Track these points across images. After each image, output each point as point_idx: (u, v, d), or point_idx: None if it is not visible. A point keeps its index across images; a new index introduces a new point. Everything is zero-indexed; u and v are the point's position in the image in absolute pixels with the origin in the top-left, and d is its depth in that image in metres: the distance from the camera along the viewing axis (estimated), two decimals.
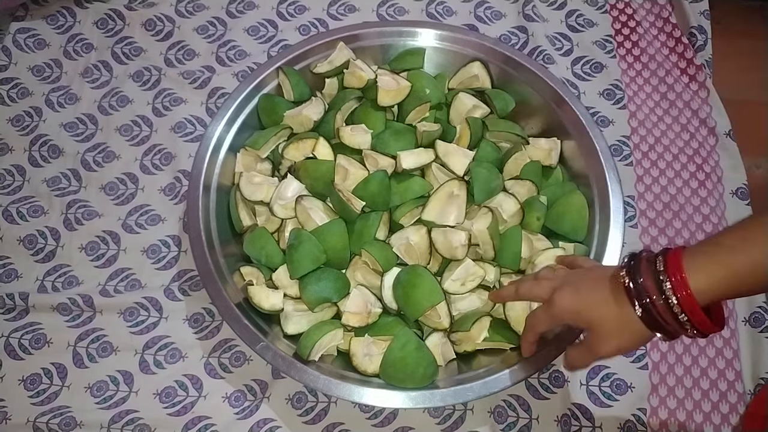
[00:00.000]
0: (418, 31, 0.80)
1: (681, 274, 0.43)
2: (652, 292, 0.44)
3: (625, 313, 0.46)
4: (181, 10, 0.95)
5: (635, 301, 0.45)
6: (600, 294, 0.47)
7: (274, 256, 0.68)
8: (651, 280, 0.44)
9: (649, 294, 0.44)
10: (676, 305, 0.43)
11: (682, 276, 0.43)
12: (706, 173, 0.82)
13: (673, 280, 0.43)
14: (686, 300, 0.43)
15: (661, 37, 0.93)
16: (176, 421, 0.67)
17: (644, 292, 0.44)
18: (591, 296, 0.48)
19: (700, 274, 0.43)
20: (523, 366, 0.60)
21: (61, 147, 0.83)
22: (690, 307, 0.43)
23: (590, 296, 0.48)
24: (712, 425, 0.68)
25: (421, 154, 0.69)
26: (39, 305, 0.72)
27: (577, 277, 0.51)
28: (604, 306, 0.47)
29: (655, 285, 0.44)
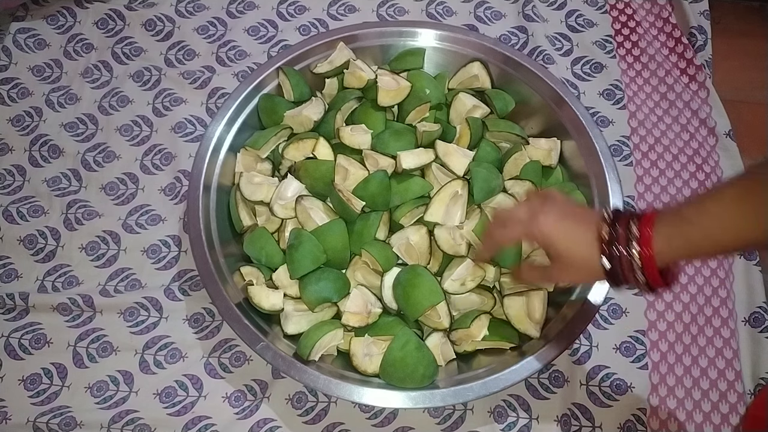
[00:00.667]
0: (418, 32, 0.80)
1: (649, 235, 0.47)
2: (623, 246, 0.48)
3: (592, 256, 0.49)
4: (181, 10, 0.95)
5: (606, 249, 0.48)
6: (581, 234, 0.50)
7: (274, 256, 0.68)
8: (625, 236, 0.48)
9: (619, 247, 0.48)
10: (637, 260, 0.47)
11: (649, 238, 0.47)
12: (706, 173, 0.82)
13: (641, 240, 0.47)
14: (647, 258, 0.47)
15: (661, 37, 0.93)
16: (176, 421, 0.67)
17: (616, 243, 0.48)
18: (571, 231, 0.51)
19: (662, 240, 0.46)
20: (523, 366, 0.60)
21: (61, 147, 0.83)
22: (648, 264, 0.47)
23: (571, 231, 0.51)
24: (712, 425, 0.68)
25: (421, 155, 0.69)
26: (39, 305, 0.72)
27: (562, 208, 0.53)
28: (577, 245, 0.50)
29: (626, 240, 0.48)
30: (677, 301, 0.74)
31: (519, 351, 0.63)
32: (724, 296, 0.74)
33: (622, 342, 0.71)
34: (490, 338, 0.64)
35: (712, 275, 0.75)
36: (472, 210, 0.68)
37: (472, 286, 0.66)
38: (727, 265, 0.76)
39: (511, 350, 0.64)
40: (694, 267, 0.76)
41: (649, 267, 0.47)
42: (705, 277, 0.75)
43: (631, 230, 0.47)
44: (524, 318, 0.64)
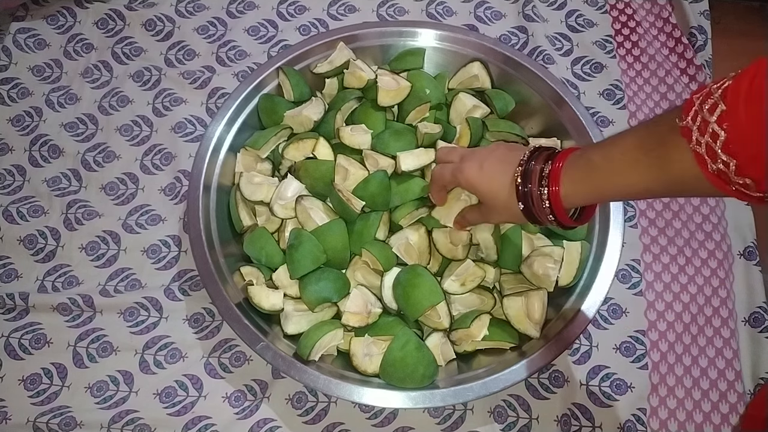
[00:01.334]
0: (418, 31, 0.80)
1: (558, 174, 0.49)
2: (534, 185, 0.51)
3: (510, 198, 0.53)
4: (181, 10, 0.95)
5: (519, 190, 0.52)
6: (498, 177, 0.54)
7: (274, 256, 0.68)
8: (537, 175, 0.51)
9: (529, 186, 0.51)
10: (546, 199, 0.50)
11: (557, 176, 0.49)
12: None
13: (550, 178, 0.50)
14: (554, 196, 0.50)
15: (661, 37, 0.93)
16: (176, 421, 0.67)
17: (528, 183, 0.51)
18: (490, 176, 0.54)
19: (569, 181, 0.49)
20: (523, 366, 0.60)
21: (61, 147, 0.83)
22: (555, 202, 0.50)
23: (489, 176, 0.54)
24: (712, 425, 0.68)
25: (421, 155, 0.69)
26: (39, 305, 0.72)
27: (485, 153, 0.56)
28: (497, 189, 0.54)
29: (538, 179, 0.51)
30: (677, 301, 0.74)
31: (519, 351, 0.63)
32: (724, 296, 0.74)
33: (622, 342, 0.71)
34: (490, 338, 0.64)
35: (712, 275, 0.75)
36: None
37: (471, 287, 0.66)
38: (727, 265, 0.76)
39: (511, 350, 0.64)
40: (694, 267, 0.76)
41: (556, 205, 0.49)
42: (705, 277, 0.75)
43: (544, 169, 0.50)
44: (524, 318, 0.64)
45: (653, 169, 0.43)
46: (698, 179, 0.39)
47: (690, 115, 0.39)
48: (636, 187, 0.45)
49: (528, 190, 0.51)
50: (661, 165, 0.42)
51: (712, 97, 0.37)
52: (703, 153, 0.38)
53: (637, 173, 0.44)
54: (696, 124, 0.38)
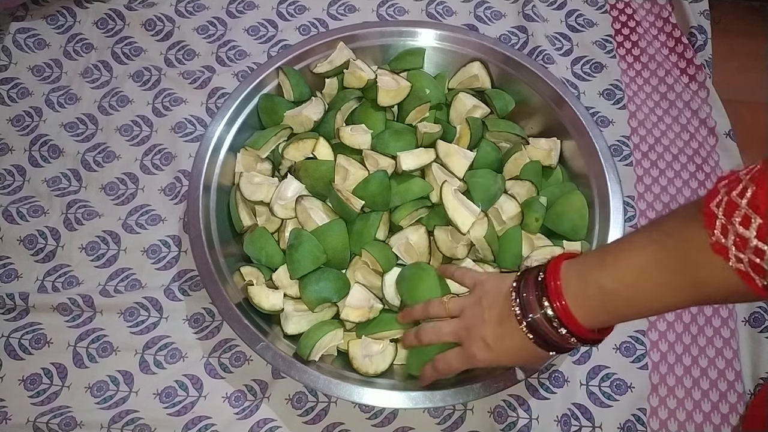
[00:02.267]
0: (418, 31, 0.80)
1: (557, 282, 0.44)
2: (534, 307, 0.45)
3: (522, 342, 0.47)
4: (181, 10, 0.95)
5: (523, 321, 0.46)
6: (509, 340, 0.49)
7: (274, 256, 0.68)
8: (534, 296, 0.46)
9: (531, 310, 0.46)
10: (554, 318, 0.44)
11: (557, 285, 0.44)
12: (706, 173, 0.82)
13: (549, 292, 0.44)
14: (562, 312, 0.44)
15: (660, 37, 0.93)
16: (176, 421, 0.67)
17: (528, 308, 0.46)
18: (501, 346, 0.49)
19: (581, 311, 0.44)
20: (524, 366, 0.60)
21: (61, 147, 0.83)
22: (565, 316, 0.44)
23: (500, 346, 0.49)
24: (712, 425, 0.68)
25: (421, 155, 0.69)
26: (39, 305, 0.72)
27: (479, 316, 0.51)
28: (513, 346, 0.49)
29: (537, 299, 0.45)
30: None
31: None
32: None
33: (622, 342, 0.71)
34: None
35: None
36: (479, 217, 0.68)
37: None
38: None
39: None
40: None
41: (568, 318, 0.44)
42: None
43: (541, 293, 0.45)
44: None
45: (686, 291, 0.39)
46: (744, 295, 0.36)
47: (716, 228, 0.35)
48: (664, 308, 0.42)
49: (532, 318, 0.46)
50: (694, 286, 0.38)
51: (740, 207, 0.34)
52: (748, 270, 0.34)
53: (665, 297, 0.40)
54: (730, 240, 0.34)
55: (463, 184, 0.69)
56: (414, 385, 0.61)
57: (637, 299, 0.41)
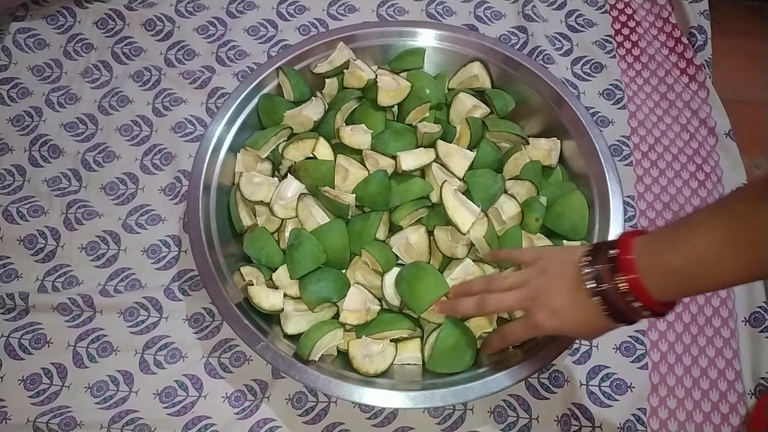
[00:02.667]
0: (418, 31, 0.80)
1: (629, 256, 0.46)
2: (607, 279, 0.47)
3: (590, 312, 0.49)
4: (181, 10, 0.95)
5: (595, 294, 0.48)
6: (576, 310, 0.50)
7: (274, 256, 0.68)
8: (607, 268, 0.48)
9: (604, 281, 0.47)
10: (626, 290, 0.46)
11: (630, 259, 0.46)
12: (706, 173, 0.82)
13: (621, 264, 0.47)
14: (633, 284, 0.46)
15: (660, 37, 0.93)
16: (176, 421, 0.67)
17: (601, 280, 0.48)
18: (568, 315, 0.51)
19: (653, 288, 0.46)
20: (523, 366, 0.60)
21: (61, 147, 0.83)
22: (637, 289, 0.46)
23: (567, 315, 0.51)
24: (712, 425, 0.68)
25: (421, 155, 0.69)
26: (39, 305, 0.72)
27: (544, 286, 0.53)
28: (579, 316, 0.50)
29: (609, 272, 0.47)
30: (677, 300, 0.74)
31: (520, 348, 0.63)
32: (724, 296, 0.74)
33: (622, 342, 0.71)
34: None
35: None
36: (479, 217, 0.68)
37: None
38: None
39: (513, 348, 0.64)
40: None
41: (640, 291, 0.46)
42: None
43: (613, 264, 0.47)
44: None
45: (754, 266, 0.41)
46: None
47: None
48: (730, 284, 0.45)
49: (604, 288, 0.48)
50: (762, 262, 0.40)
51: None
52: None
53: (732, 274, 0.43)
54: None
55: (463, 184, 0.69)
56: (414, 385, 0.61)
57: (706, 276, 0.43)
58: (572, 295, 0.50)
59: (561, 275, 0.52)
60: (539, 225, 0.69)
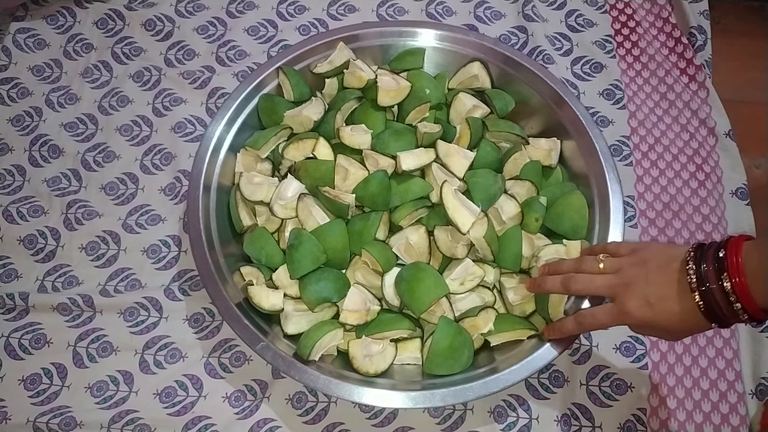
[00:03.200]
0: (418, 31, 0.80)
1: (738, 269, 0.46)
2: (712, 279, 0.47)
3: (687, 308, 0.49)
4: (181, 10, 0.95)
5: (697, 291, 0.48)
6: (672, 304, 0.50)
7: (274, 256, 0.68)
8: (713, 268, 0.47)
9: (709, 281, 0.47)
10: (730, 291, 0.46)
11: (738, 261, 0.46)
12: (706, 173, 0.82)
13: (729, 266, 0.46)
14: (739, 287, 0.46)
15: (660, 37, 0.93)
16: (176, 421, 0.67)
17: (705, 279, 0.47)
18: (663, 307, 0.50)
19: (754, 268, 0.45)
20: (523, 366, 0.60)
21: (61, 147, 0.83)
22: (742, 293, 0.46)
23: (662, 307, 0.50)
24: (712, 425, 0.68)
25: (421, 155, 0.69)
26: (39, 305, 0.72)
27: (641, 275, 0.52)
28: (674, 310, 0.50)
29: (715, 272, 0.47)
30: None
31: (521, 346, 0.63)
32: None
33: (622, 342, 0.71)
34: (496, 332, 0.64)
35: None
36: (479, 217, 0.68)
37: (471, 286, 0.66)
38: None
39: (529, 339, 0.64)
40: None
41: (744, 296, 0.46)
42: None
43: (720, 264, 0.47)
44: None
45: None
46: None
47: None
48: None
49: (707, 288, 0.47)
50: None
51: None
52: None
53: None
54: None
55: (463, 184, 0.69)
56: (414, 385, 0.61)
57: None
58: (672, 289, 0.50)
59: (663, 268, 0.51)
60: (539, 225, 0.69)
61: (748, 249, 0.47)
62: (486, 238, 0.65)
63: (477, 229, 0.65)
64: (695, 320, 0.49)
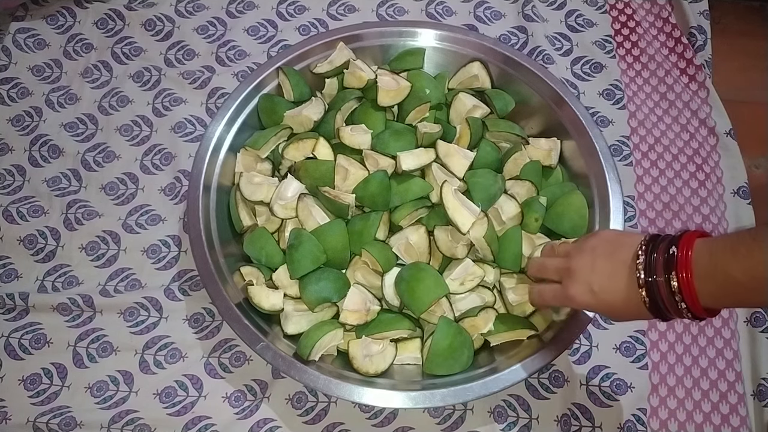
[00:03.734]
0: (418, 31, 0.80)
1: (687, 264, 0.45)
2: (659, 272, 0.46)
3: (630, 299, 0.48)
4: (181, 10, 0.95)
5: (644, 285, 0.47)
6: (614, 289, 0.50)
7: (274, 256, 0.68)
8: (662, 260, 0.46)
9: (656, 273, 0.46)
10: (676, 287, 0.45)
11: (686, 266, 0.45)
12: (706, 173, 0.82)
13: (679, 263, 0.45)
14: (684, 283, 0.45)
15: (660, 37, 0.93)
16: (176, 421, 0.67)
17: (653, 270, 0.47)
18: (605, 296, 0.50)
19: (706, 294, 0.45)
20: (524, 366, 0.60)
21: (61, 147, 0.83)
22: (687, 290, 0.45)
23: (605, 296, 0.50)
24: (712, 425, 0.68)
25: (421, 155, 0.69)
26: (39, 305, 0.72)
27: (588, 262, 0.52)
28: (617, 301, 0.50)
29: (663, 265, 0.46)
30: None
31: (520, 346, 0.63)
32: None
33: (622, 342, 0.71)
34: (496, 332, 0.64)
35: None
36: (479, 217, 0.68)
37: (471, 286, 0.66)
38: None
39: (529, 339, 0.64)
40: None
41: (689, 293, 0.45)
42: None
43: (669, 257, 0.46)
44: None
45: None
46: None
47: None
48: None
49: (653, 280, 0.47)
50: None
51: None
52: None
53: None
54: None
55: (463, 184, 0.69)
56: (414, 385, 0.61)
57: (759, 291, 0.42)
58: (616, 280, 0.50)
59: (610, 256, 0.51)
60: (539, 225, 0.69)
61: (699, 246, 0.46)
62: (486, 238, 0.65)
63: (477, 229, 0.65)
64: (638, 311, 0.49)
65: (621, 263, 0.50)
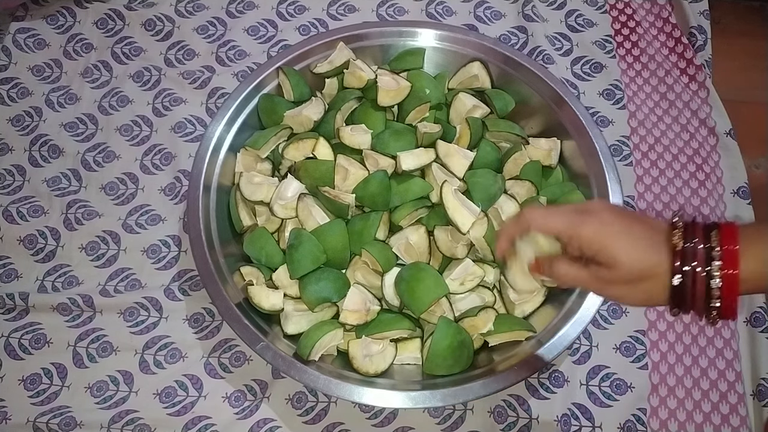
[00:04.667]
0: (418, 31, 0.80)
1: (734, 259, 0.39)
2: (700, 263, 0.40)
3: (657, 269, 0.41)
4: (181, 10, 0.95)
5: (679, 265, 0.40)
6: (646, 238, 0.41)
7: (274, 256, 0.68)
8: (703, 248, 0.40)
9: (696, 261, 0.40)
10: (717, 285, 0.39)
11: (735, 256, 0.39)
12: (706, 173, 0.82)
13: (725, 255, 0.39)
14: (729, 279, 0.39)
15: (660, 37, 0.93)
16: (176, 421, 0.67)
17: (691, 261, 0.40)
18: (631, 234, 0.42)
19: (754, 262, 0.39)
20: (523, 366, 0.60)
21: (61, 147, 0.83)
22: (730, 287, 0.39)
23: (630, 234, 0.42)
24: (712, 425, 0.68)
25: (421, 155, 0.69)
26: (39, 305, 0.72)
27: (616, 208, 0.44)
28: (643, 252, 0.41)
29: (704, 254, 0.40)
30: None
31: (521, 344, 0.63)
32: None
33: (622, 342, 0.71)
34: (496, 332, 0.64)
35: None
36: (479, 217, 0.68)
37: (471, 286, 0.66)
38: None
39: (527, 340, 0.64)
40: None
41: (730, 291, 0.39)
42: None
43: (712, 249, 0.39)
44: None
45: None
46: None
47: None
48: None
49: (691, 269, 0.40)
50: None
51: None
52: None
53: None
54: None
55: (463, 184, 0.69)
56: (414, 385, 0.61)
57: None
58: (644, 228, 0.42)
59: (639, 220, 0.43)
60: None
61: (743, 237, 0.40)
62: (486, 238, 0.65)
63: (477, 229, 0.65)
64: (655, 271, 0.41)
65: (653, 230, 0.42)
